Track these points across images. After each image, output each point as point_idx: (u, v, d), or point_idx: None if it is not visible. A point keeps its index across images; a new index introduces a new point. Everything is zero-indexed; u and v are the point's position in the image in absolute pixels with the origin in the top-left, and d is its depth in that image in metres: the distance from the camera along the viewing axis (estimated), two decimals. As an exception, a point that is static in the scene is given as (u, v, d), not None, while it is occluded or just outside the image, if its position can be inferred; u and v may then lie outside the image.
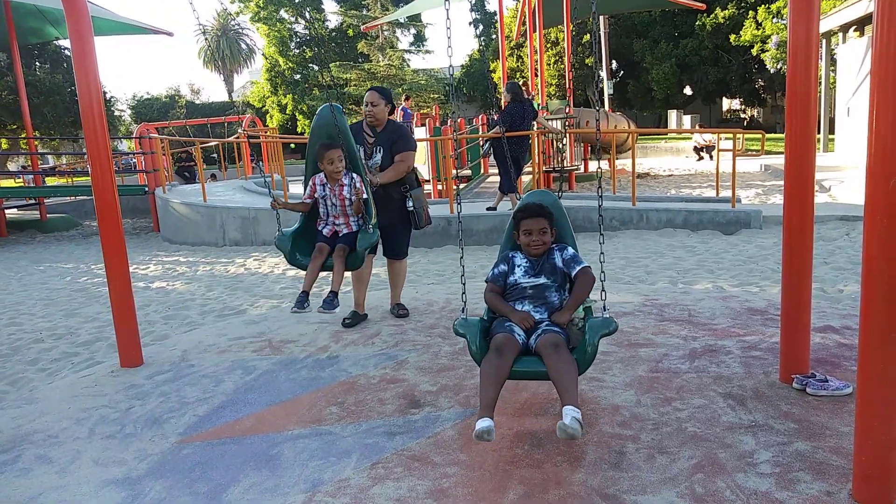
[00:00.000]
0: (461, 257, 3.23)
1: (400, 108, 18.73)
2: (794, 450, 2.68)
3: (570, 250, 3.21)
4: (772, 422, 2.93)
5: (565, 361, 2.74)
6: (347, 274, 4.37)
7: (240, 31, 50.31)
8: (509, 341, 2.87)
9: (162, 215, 12.63)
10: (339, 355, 4.20)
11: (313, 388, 3.68)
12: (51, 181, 20.43)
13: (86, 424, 3.37)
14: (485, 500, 2.48)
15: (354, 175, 4.31)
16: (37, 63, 29.39)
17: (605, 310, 2.94)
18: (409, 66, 33.20)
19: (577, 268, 3.12)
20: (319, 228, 4.41)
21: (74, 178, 20.87)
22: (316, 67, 36.82)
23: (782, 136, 3.29)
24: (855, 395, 3.10)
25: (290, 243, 4.32)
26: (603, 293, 2.98)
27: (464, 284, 3.15)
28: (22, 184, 19.00)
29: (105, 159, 4.05)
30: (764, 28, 23.31)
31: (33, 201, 15.97)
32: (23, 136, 15.90)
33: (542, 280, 3.12)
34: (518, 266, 3.19)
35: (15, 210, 17.05)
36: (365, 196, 4.26)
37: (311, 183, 4.39)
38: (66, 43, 26.77)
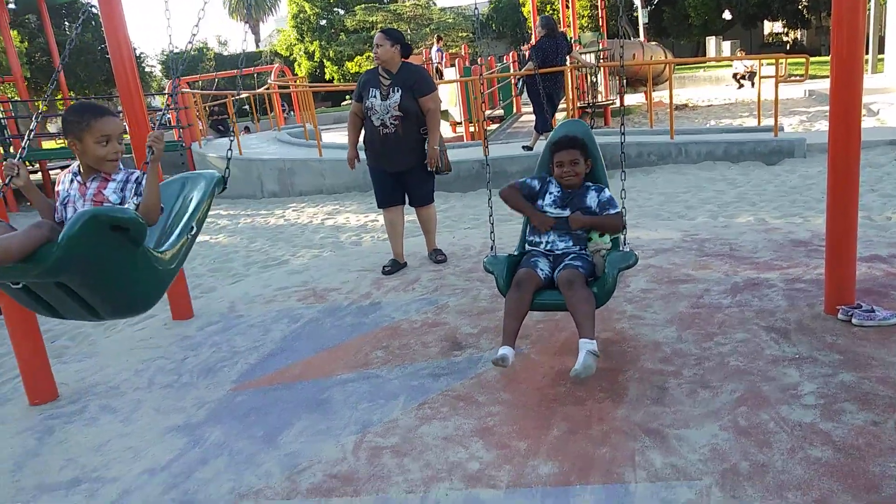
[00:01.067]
0: (489, 198, 3.29)
1: (435, 49, 18.44)
2: (839, 381, 2.68)
3: (607, 192, 3.22)
4: (816, 354, 2.92)
5: (581, 296, 2.83)
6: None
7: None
8: (530, 276, 2.97)
9: (199, 169, 12.80)
10: (381, 301, 4.28)
11: (358, 333, 3.77)
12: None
13: (144, 375, 3.53)
14: (529, 436, 2.54)
15: (142, 176, 2.52)
16: (66, 22, 29.52)
17: (625, 243, 3.02)
18: (435, 4, 32.43)
19: (611, 211, 3.16)
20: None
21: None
22: (342, 12, 36.23)
23: (828, 58, 3.16)
24: (902, 325, 3.07)
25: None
26: (624, 229, 3.06)
27: (492, 224, 3.23)
28: (64, 144, 19.38)
29: (142, 118, 4.10)
30: (808, -57, 22.07)
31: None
32: (59, 97, 16.11)
33: (568, 213, 3.16)
34: (549, 193, 3.22)
35: (59, 170, 17.47)
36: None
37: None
38: (93, 0, 26.77)
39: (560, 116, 11.51)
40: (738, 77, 20.13)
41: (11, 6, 18.67)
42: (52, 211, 2.60)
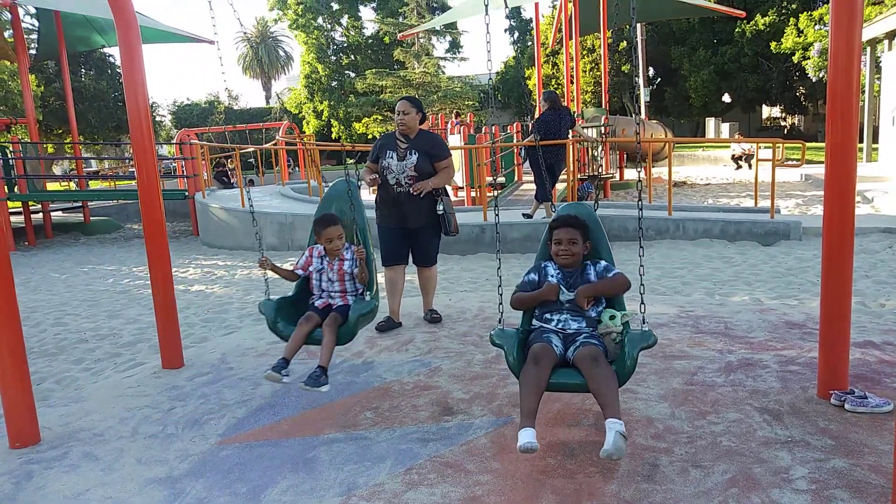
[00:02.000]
0: (498, 268, 3.29)
1: (455, 122, 18.94)
2: (831, 467, 2.65)
3: (603, 262, 3.24)
4: (809, 438, 2.90)
5: (605, 374, 2.75)
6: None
7: (278, 38, 51.17)
8: (546, 351, 2.89)
9: (201, 219, 12.90)
10: (374, 361, 4.26)
11: (348, 392, 3.74)
12: (94, 185, 21.00)
13: (129, 424, 3.48)
14: (517, 508, 2.50)
15: (352, 246, 3.90)
16: (82, 70, 30.28)
17: (644, 322, 2.95)
18: (443, 72, 33.36)
19: (611, 273, 3.16)
20: (311, 301, 3.88)
21: (116, 182, 21.46)
22: (352, 74, 37.21)
23: (824, 145, 3.25)
24: (895, 413, 3.06)
25: (275, 308, 3.76)
26: (642, 305, 2.99)
27: (500, 295, 3.18)
28: (68, 187, 19.59)
29: (151, 164, 4.18)
30: (806, 35, 22.90)
31: (77, 204, 16.45)
32: (68, 140, 16.36)
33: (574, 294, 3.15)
34: (551, 277, 3.22)
35: (60, 212, 17.57)
36: (364, 255, 3.77)
37: (307, 253, 3.94)
38: (110, 50, 27.53)
39: (561, 188, 11.69)
40: (735, 158, 20.55)
41: (32, 52, 19.17)
42: (292, 275, 3.94)
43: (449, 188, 5.60)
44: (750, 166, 19.11)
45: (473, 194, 12.47)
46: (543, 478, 2.70)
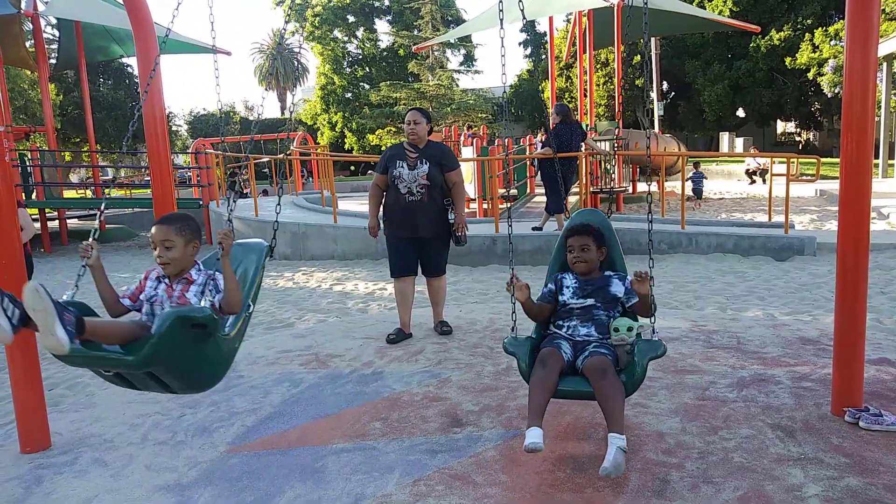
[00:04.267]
0: (511, 276, 3.28)
1: (468, 135, 19.00)
2: (844, 485, 2.61)
3: (629, 279, 3.20)
4: (822, 455, 2.86)
5: (613, 386, 2.76)
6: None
7: (294, 50, 51.63)
8: (554, 355, 2.92)
9: (215, 228, 12.98)
10: (384, 371, 4.25)
11: (358, 402, 3.73)
12: (110, 193, 21.21)
13: (139, 430, 3.49)
14: (525, 522, 2.48)
15: (217, 275, 2.78)
16: (101, 79, 30.70)
17: (654, 332, 2.94)
18: (457, 85, 33.49)
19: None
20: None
21: (132, 191, 21.68)
22: (367, 86, 37.45)
23: (839, 160, 3.23)
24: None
25: None
26: (653, 318, 2.98)
27: (514, 304, 3.18)
28: (84, 195, 19.81)
29: (166, 173, 4.23)
30: (821, 51, 22.81)
31: (93, 212, 16.62)
32: (85, 149, 16.56)
33: (591, 302, 3.15)
34: (567, 287, 3.22)
35: (76, 220, 17.76)
36: (230, 237, 2.79)
37: (143, 276, 2.91)
38: (128, 60, 27.90)
39: (573, 200, 11.68)
40: (749, 173, 20.44)
41: (52, 61, 19.47)
42: (114, 296, 2.84)
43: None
44: (764, 181, 18.99)
45: (486, 206, 12.48)
46: (552, 491, 2.68)
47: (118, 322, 2.70)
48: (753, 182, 20.18)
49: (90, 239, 2.82)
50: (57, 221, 15.37)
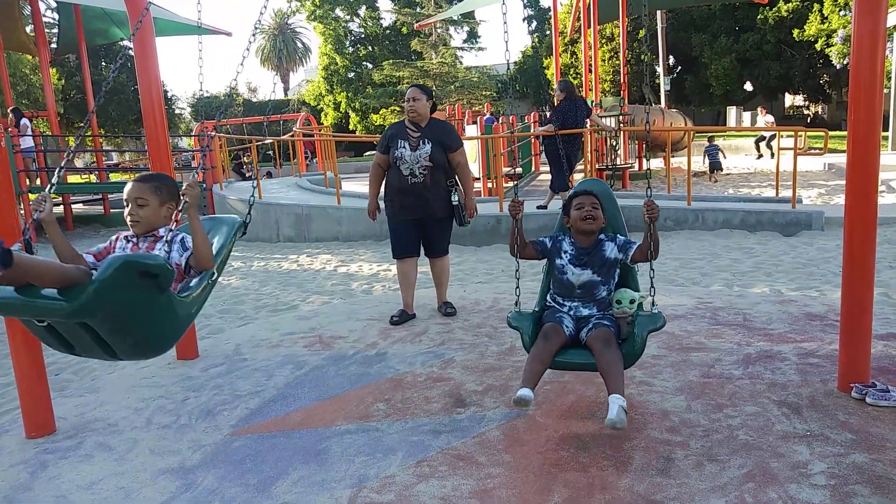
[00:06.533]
0: (516, 254, 3.27)
1: (485, 118, 18.86)
2: (850, 462, 2.59)
3: (622, 237, 3.22)
4: (828, 432, 2.83)
5: (614, 355, 2.86)
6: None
7: (296, 30, 51.24)
8: (556, 330, 2.99)
9: (219, 211, 12.97)
10: (387, 352, 4.24)
11: (361, 384, 3.73)
12: (114, 177, 21.20)
13: (143, 414, 3.50)
14: (529, 502, 2.47)
15: (187, 236, 2.75)
16: (102, 63, 30.54)
17: (653, 305, 2.98)
18: (461, 63, 33.19)
19: (634, 243, 3.15)
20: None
21: (136, 175, 21.69)
22: (370, 65, 37.17)
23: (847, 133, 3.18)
24: (918, 408, 2.98)
25: None
26: (652, 290, 3.00)
27: (518, 279, 3.21)
28: (89, 179, 19.80)
29: (165, 155, 4.19)
30: (830, 22, 22.43)
31: (98, 196, 16.62)
32: (89, 133, 16.53)
33: (589, 275, 3.15)
34: (565, 252, 3.22)
35: (81, 205, 17.77)
36: (196, 190, 2.72)
37: (112, 237, 2.90)
38: (130, 43, 27.77)
39: (578, 178, 11.60)
40: (758, 144, 20.24)
41: (53, 45, 19.37)
42: (72, 252, 2.65)
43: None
44: (772, 153, 18.80)
45: (490, 185, 12.41)
46: (556, 471, 2.67)
47: (57, 263, 2.31)
48: (761, 156, 19.99)
49: (46, 191, 2.63)
50: (62, 207, 15.38)
